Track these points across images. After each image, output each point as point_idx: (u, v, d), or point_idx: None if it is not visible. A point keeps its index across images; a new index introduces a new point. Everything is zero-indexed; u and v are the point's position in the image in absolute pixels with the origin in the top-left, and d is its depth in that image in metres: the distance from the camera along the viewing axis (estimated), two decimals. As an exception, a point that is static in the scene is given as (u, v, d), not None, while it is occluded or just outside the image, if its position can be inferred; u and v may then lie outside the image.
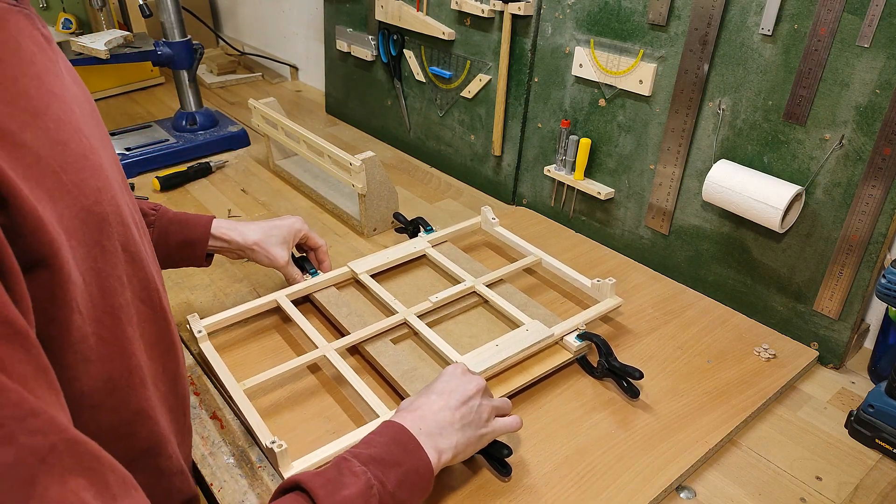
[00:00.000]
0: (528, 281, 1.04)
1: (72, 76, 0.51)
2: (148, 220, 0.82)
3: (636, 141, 1.04)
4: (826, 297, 0.87)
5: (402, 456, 0.57)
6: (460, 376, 0.68)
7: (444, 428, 0.62)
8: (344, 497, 0.51)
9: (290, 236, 0.92)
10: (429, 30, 1.30)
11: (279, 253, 0.90)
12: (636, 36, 0.99)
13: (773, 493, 0.70)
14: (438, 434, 0.61)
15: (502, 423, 0.68)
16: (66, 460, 0.33)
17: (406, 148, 1.52)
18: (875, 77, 0.77)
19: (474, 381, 0.67)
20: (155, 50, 1.41)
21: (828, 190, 0.84)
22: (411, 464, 0.57)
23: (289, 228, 0.92)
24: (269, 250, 0.89)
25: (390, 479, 0.55)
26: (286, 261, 0.91)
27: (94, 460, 0.36)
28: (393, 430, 0.60)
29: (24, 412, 0.32)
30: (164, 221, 0.84)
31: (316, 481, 0.52)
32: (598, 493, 0.68)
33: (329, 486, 0.52)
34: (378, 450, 0.57)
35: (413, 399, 0.66)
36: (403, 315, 0.88)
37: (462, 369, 0.69)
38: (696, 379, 0.84)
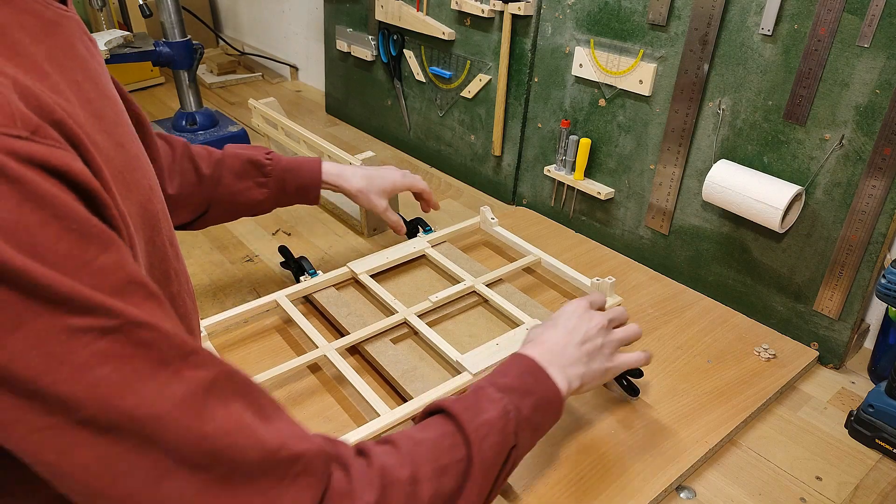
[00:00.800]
0: (527, 280, 1.04)
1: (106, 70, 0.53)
2: (265, 169, 0.89)
3: (636, 141, 1.04)
4: (826, 297, 0.87)
5: (534, 385, 0.60)
6: (581, 314, 0.69)
7: (570, 361, 0.64)
8: (484, 420, 0.54)
9: (392, 188, 1.00)
10: (429, 30, 1.30)
11: (379, 201, 0.98)
12: (636, 36, 0.99)
13: (773, 493, 0.70)
14: (566, 366, 0.64)
15: (628, 358, 0.70)
16: (226, 388, 0.40)
17: (406, 148, 1.52)
18: (875, 77, 0.77)
19: (595, 319, 0.68)
20: (155, 50, 1.40)
21: (828, 190, 0.84)
22: (542, 392, 0.60)
23: (391, 182, 0.99)
24: (370, 197, 0.97)
25: (525, 405, 0.58)
26: (384, 208, 0.99)
27: (248, 387, 0.41)
28: (524, 361, 0.62)
29: (186, 352, 0.38)
30: (279, 170, 0.90)
31: (458, 406, 0.55)
32: (599, 493, 0.68)
33: (470, 411, 0.55)
34: (511, 379, 0.60)
35: (538, 332, 0.68)
36: (403, 315, 0.88)
37: (584, 306, 0.70)
38: (696, 379, 0.84)
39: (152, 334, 0.37)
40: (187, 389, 0.37)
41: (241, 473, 0.39)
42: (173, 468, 0.37)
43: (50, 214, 0.34)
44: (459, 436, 0.53)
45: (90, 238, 0.36)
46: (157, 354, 0.37)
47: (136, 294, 0.37)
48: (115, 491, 0.36)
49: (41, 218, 0.34)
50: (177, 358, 0.37)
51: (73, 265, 0.34)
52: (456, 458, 0.52)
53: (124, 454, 0.36)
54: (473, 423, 0.54)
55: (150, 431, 0.36)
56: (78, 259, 0.35)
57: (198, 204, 0.87)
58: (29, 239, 0.33)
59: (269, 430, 0.41)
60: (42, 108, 0.36)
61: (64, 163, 0.35)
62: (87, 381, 0.34)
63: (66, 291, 0.34)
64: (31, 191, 0.33)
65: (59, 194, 0.35)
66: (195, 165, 0.85)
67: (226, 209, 0.89)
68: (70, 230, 0.35)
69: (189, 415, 0.37)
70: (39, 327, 0.33)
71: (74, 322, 0.34)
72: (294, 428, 0.44)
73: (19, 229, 0.33)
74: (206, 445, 0.37)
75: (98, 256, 0.36)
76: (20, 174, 0.33)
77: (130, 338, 0.36)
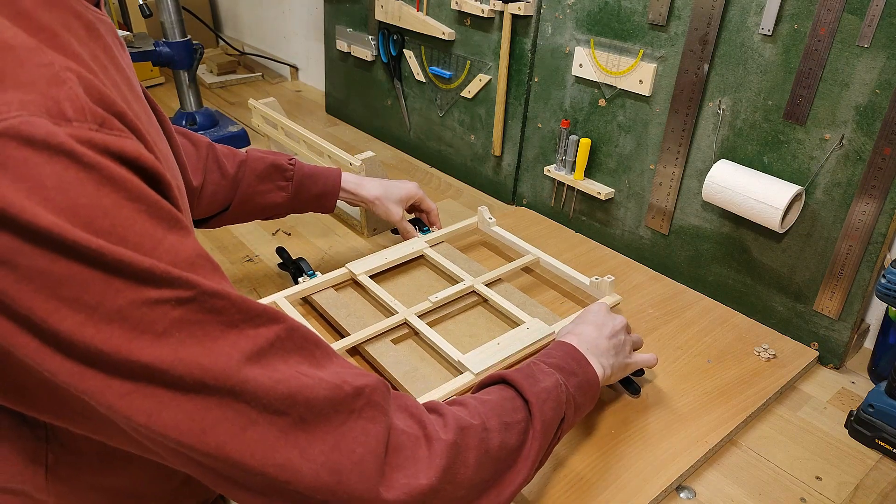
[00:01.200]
0: (526, 280, 1.04)
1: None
2: (286, 175, 0.92)
3: (636, 141, 1.04)
4: (826, 297, 0.87)
5: (577, 367, 0.65)
6: (606, 313, 0.75)
7: (602, 351, 0.70)
8: (542, 388, 0.59)
9: (406, 198, 1.03)
10: (429, 30, 1.30)
11: (395, 210, 1.01)
12: (636, 36, 0.99)
13: (773, 493, 0.70)
14: (600, 355, 0.69)
15: (642, 358, 0.77)
16: (287, 344, 0.43)
17: (406, 148, 1.52)
18: (875, 77, 0.77)
19: (619, 318, 0.75)
20: (155, 50, 1.40)
21: (828, 190, 0.84)
22: (584, 375, 0.65)
23: (407, 191, 1.03)
24: (387, 206, 1.01)
25: (571, 383, 0.62)
26: (400, 216, 1.03)
27: (304, 340, 0.45)
28: (565, 346, 0.67)
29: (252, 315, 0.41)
30: (300, 175, 0.93)
31: (517, 376, 0.60)
32: (599, 493, 0.68)
33: (529, 380, 0.59)
34: (557, 360, 0.64)
35: (571, 327, 0.73)
36: (403, 315, 0.88)
37: (606, 308, 0.77)
38: (696, 379, 0.84)
39: (223, 302, 0.40)
40: (254, 345, 0.41)
41: (314, 412, 0.43)
42: (255, 416, 0.40)
43: (125, 197, 0.37)
44: (519, 400, 0.58)
45: (161, 218, 0.39)
46: (227, 318, 0.40)
47: (205, 267, 0.41)
48: (206, 443, 0.39)
49: (117, 200, 0.36)
50: (243, 320, 0.41)
51: (149, 243, 0.38)
52: (517, 418, 0.56)
53: (210, 409, 0.39)
54: (533, 389, 0.58)
55: (231, 385, 0.39)
56: (152, 237, 0.38)
57: (220, 201, 0.88)
58: (107, 220, 0.36)
59: (328, 373, 0.45)
60: (104, 100, 0.38)
61: (134, 149, 0.38)
62: (169, 347, 0.37)
63: (146, 267, 0.37)
64: (107, 176, 0.36)
65: (131, 178, 0.38)
66: (220, 164, 0.87)
67: (244, 209, 0.91)
68: (143, 211, 0.38)
69: (258, 367, 0.41)
70: (121, 301, 0.36)
71: (154, 294, 0.37)
72: (350, 368, 0.47)
73: (98, 212, 0.36)
74: (281, 389, 0.41)
75: (168, 234, 0.39)
76: (96, 161, 0.36)
77: (204, 305, 0.39)
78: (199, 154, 0.85)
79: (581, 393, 0.63)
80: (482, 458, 0.51)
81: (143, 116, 0.47)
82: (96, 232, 0.35)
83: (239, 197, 0.89)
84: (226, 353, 0.39)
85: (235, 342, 0.40)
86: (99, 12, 0.47)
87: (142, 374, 0.37)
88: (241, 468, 0.40)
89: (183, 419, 0.38)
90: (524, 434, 0.56)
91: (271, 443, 0.41)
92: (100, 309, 0.36)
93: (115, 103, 0.39)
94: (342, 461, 0.43)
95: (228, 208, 0.89)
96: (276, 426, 0.41)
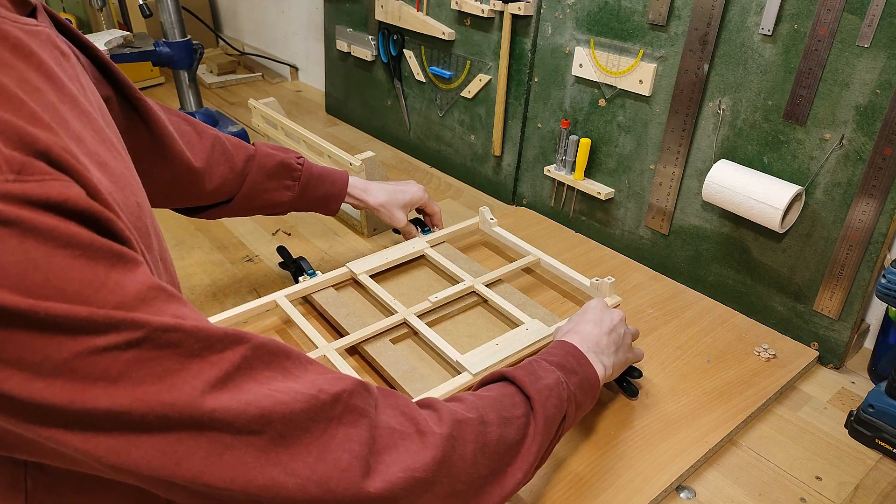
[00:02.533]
0: (526, 281, 1.04)
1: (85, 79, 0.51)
2: (294, 174, 0.91)
3: (636, 141, 1.04)
4: (826, 297, 0.87)
5: (577, 366, 0.65)
6: (604, 309, 0.75)
7: (602, 349, 0.70)
8: (544, 385, 0.59)
9: (410, 203, 1.04)
10: (429, 30, 1.30)
11: (399, 216, 1.02)
12: (636, 36, 0.99)
13: (773, 493, 0.70)
14: (600, 353, 0.70)
15: (637, 350, 0.78)
16: (255, 362, 0.42)
17: (406, 148, 1.52)
18: (875, 77, 0.76)
19: (617, 313, 0.76)
20: (155, 50, 1.40)
21: (828, 190, 0.84)
22: (585, 373, 0.65)
23: (411, 195, 1.03)
24: (392, 212, 1.01)
25: (572, 381, 0.63)
26: (404, 222, 1.03)
27: (273, 354, 0.44)
28: (566, 346, 0.67)
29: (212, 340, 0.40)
30: (308, 176, 0.92)
31: (519, 373, 0.60)
32: (599, 493, 0.68)
33: (530, 377, 0.59)
34: (558, 358, 0.64)
35: (571, 326, 0.73)
36: (403, 315, 0.88)
37: (604, 304, 0.77)
38: (696, 379, 0.84)
39: (177, 334, 0.39)
40: (219, 371, 0.40)
41: (293, 427, 0.42)
42: (229, 440, 0.40)
43: (54, 246, 0.35)
44: (520, 395, 0.58)
45: (100, 258, 0.37)
46: (185, 350, 0.39)
47: (158, 298, 0.39)
48: (182, 473, 0.39)
49: (46, 251, 0.34)
50: (203, 348, 0.40)
51: (89, 288, 0.36)
52: (517, 413, 0.56)
53: (180, 442, 0.38)
54: (535, 385, 0.58)
55: (197, 417, 0.38)
56: (92, 281, 0.36)
57: (225, 193, 0.87)
58: (39, 274, 0.34)
59: (302, 384, 0.44)
60: (24, 140, 0.36)
61: (59, 192, 0.36)
62: (126, 389, 0.37)
63: (84, 317, 0.35)
64: (30, 228, 0.34)
65: (58, 225, 0.35)
66: (228, 157, 0.86)
67: (247, 204, 0.90)
68: (78, 256, 0.36)
69: (227, 392, 0.40)
70: (66, 355, 0.35)
71: (100, 342, 0.36)
72: (326, 374, 0.47)
73: (27, 267, 0.34)
74: (252, 411, 0.40)
75: (111, 273, 0.37)
76: (15, 215, 0.33)
77: (157, 342, 0.38)
78: (203, 143, 0.84)
79: (582, 392, 0.63)
80: (480, 452, 0.51)
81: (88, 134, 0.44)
82: (27, 290, 0.34)
83: (244, 191, 0.88)
84: (189, 384, 0.38)
85: (198, 372, 0.39)
86: (32, 25, 0.44)
87: (102, 420, 0.36)
88: (223, 492, 0.40)
89: (154, 454, 0.38)
90: (524, 429, 0.56)
91: (251, 464, 0.40)
92: (45, 365, 0.35)
93: (37, 141, 0.36)
94: (328, 471, 0.43)
95: (231, 201, 0.88)
96: (254, 447, 0.40)
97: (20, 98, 0.38)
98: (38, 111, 0.39)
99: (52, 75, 0.43)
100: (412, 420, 0.49)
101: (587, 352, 0.68)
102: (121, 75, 0.70)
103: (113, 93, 0.71)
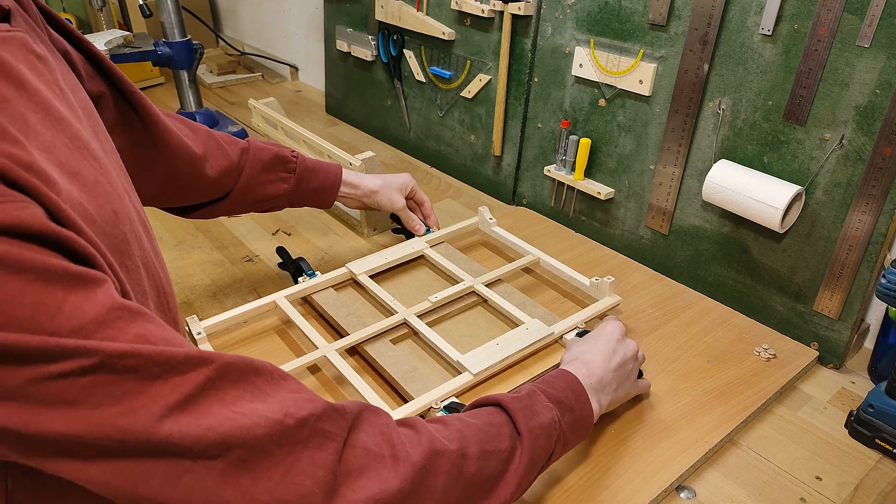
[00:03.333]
0: (526, 280, 1.03)
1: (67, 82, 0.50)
2: (289, 167, 0.91)
3: (636, 141, 1.04)
4: (826, 297, 0.87)
5: (575, 403, 0.63)
6: (619, 339, 0.73)
7: (604, 386, 0.69)
8: (537, 424, 0.58)
9: (404, 186, 1.03)
10: (429, 30, 1.30)
11: (398, 198, 1.01)
12: (636, 36, 0.99)
13: (773, 493, 0.70)
14: (600, 390, 0.68)
15: (643, 383, 0.78)
16: (221, 382, 0.41)
17: (406, 148, 1.52)
18: (875, 77, 0.76)
19: (630, 346, 0.74)
20: (155, 50, 1.41)
21: (828, 190, 0.84)
22: (580, 412, 0.64)
23: (403, 181, 1.03)
24: (390, 194, 1.00)
25: (566, 419, 0.61)
26: (403, 205, 1.02)
27: (241, 373, 0.43)
28: (569, 378, 0.66)
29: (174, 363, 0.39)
30: (302, 168, 0.92)
31: (516, 405, 0.58)
32: (598, 493, 0.68)
33: (526, 412, 0.58)
34: (558, 392, 0.63)
35: (580, 351, 0.72)
36: (403, 315, 0.88)
37: (621, 331, 0.75)
38: (696, 379, 0.84)
39: (135, 360, 0.38)
40: (180, 394, 0.39)
41: (255, 452, 0.41)
42: (188, 464, 0.39)
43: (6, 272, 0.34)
44: (508, 427, 0.56)
45: (55, 282, 0.36)
46: (143, 374, 0.38)
47: (120, 319, 0.38)
48: (141, 493, 0.39)
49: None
50: (164, 371, 0.39)
51: (44, 313, 0.35)
52: (501, 447, 0.55)
53: (137, 464, 0.38)
54: (529, 423, 0.57)
55: (154, 441, 0.38)
56: (48, 305, 0.35)
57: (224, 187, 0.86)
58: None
59: (269, 406, 0.43)
60: None
61: (11, 216, 0.35)
62: (82, 413, 0.36)
63: (34, 346, 0.35)
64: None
65: (9, 250, 0.34)
66: (223, 151, 0.86)
67: (243, 199, 0.89)
68: (32, 281, 0.35)
69: (187, 415, 0.39)
70: (19, 381, 0.35)
71: (53, 369, 0.35)
72: (296, 395, 0.45)
73: None
74: (211, 436, 0.39)
75: (69, 296, 0.36)
76: None
77: (114, 368, 0.37)
78: (199, 138, 0.84)
79: (573, 430, 0.62)
80: (452, 485, 0.50)
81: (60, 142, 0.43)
82: None
83: (241, 184, 0.87)
84: (147, 408, 0.38)
85: (157, 395, 0.38)
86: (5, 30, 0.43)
87: (58, 444, 0.36)
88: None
89: (112, 475, 0.38)
90: (506, 464, 0.55)
91: (210, 488, 0.40)
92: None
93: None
94: (288, 497, 0.42)
95: (226, 197, 0.88)
96: (213, 471, 0.40)
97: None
98: (3, 123, 0.38)
99: (23, 83, 0.42)
100: (389, 442, 0.48)
101: (588, 388, 0.66)
102: (115, 70, 0.70)
103: (107, 88, 0.71)
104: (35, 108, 0.42)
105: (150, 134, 0.76)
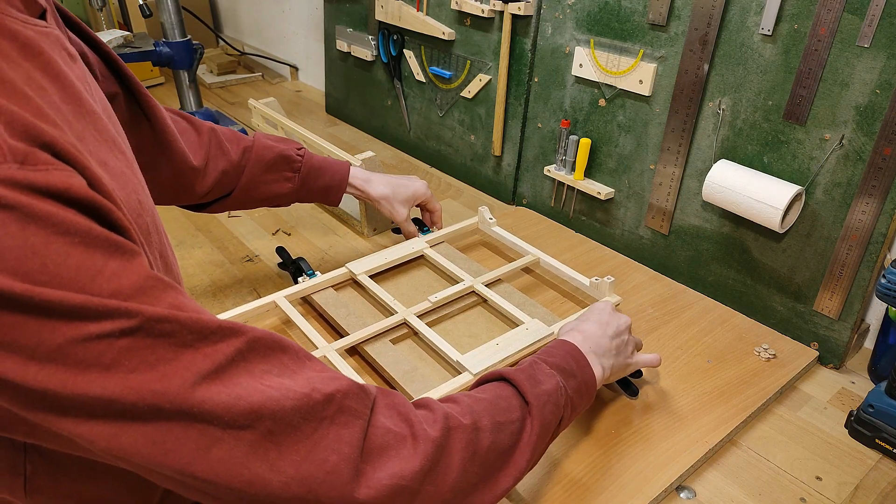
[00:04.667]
0: (526, 280, 1.03)
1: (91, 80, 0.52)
2: (293, 166, 0.91)
3: (636, 141, 1.04)
4: (826, 297, 0.87)
5: (577, 368, 0.64)
6: (612, 312, 0.75)
7: (604, 351, 0.70)
8: (542, 391, 0.59)
9: (413, 198, 1.02)
10: (429, 30, 1.30)
11: (401, 210, 1.00)
12: (636, 36, 0.99)
13: (773, 493, 0.70)
14: (601, 354, 0.69)
15: (644, 358, 0.77)
16: (250, 355, 0.42)
17: (406, 148, 1.52)
18: (875, 77, 0.76)
19: (623, 318, 0.75)
20: (155, 50, 1.40)
21: (828, 190, 0.84)
22: (583, 376, 0.65)
23: (414, 191, 1.02)
24: (394, 205, 1.00)
25: (570, 385, 0.62)
26: (405, 217, 1.02)
27: (269, 349, 0.44)
28: (567, 346, 0.67)
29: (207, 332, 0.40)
30: (308, 167, 0.92)
31: (519, 375, 0.59)
32: (599, 493, 0.68)
33: (530, 381, 0.59)
34: (559, 360, 0.64)
35: (574, 325, 0.73)
36: (403, 315, 0.88)
37: (611, 306, 0.76)
38: (696, 379, 0.84)
39: (171, 325, 0.39)
40: (212, 363, 0.40)
41: (283, 424, 0.42)
42: (218, 434, 0.40)
43: (53, 233, 0.35)
44: (517, 399, 0.57)
45: (98, 246, 0.37)
46: (178, 340, 0.39)
47: (155, 288, 0.40)
48: (170, 463, 0.39)
49: (45, 237, 0.35)
50: (198, 339, 0.40)
51: (85, 275, 0.36)
52: (511, 418, 0.56)
53: (169, 431, 0.39)
54: (534, 390, 0.58)
55: (187, 407, 0.39)
56: (90, 268, 0.37)
57: (225, 187, 0.87)
58: (36, 259, 0.35)
59: (296, 382, 0.44)
60: (29, 132, 0.37)
61: (61, 181, 0.36)
62: (119, 377, 0.37)
63: (78, 303, 0.36)
64: (31, 214, 0.35)
65: (58, 212, 0.36)
66: (224, 150, 0.86)
67: (247, 196, 0.90)
68: (76, 244, 0.36)
69: (218, 384, 0.40)
70: (59, 340, 0.35)
71: (94, 329, 0.36)
72: (322, 373, 0.46)
73: (25, 252, 0.34)
74: (241, 406, 0.40)
75: (109, 262, 0.38)
76: (17, 201, 0.34)
77: (151, 332, 0.38)
78: (202, 139, 0.84)
79: (578, 395, 0.63)
80: (470, 460, 0.51)
81: (90, 134, 0.45)
82: (24, 274, 0.34)
83: (242, 183, 0.87)
84: (179, 375, 0.39)
85: (191, 362, 0.39)
86: (43, 26, 0.45)
87: (94, 407, 0.37)
88: (209, 484, 0.41)
89: (143, 443, 0.38)
90: (518, 434, 0.55)
91: (239, 459, 0.41)
92: (39, 350, 0.35)
93: (42, 133, 0.37)
94: (314, 472, 0.43)
95: (231, 194, 0.88)
96: (243, 441, 0.41)
97: (27, 94, 0.39)
98: (43, 107, 0.40)
99: (60, 75, 0.44)
100: (408, 421, 0.49)
101: (587, 352, 0.67)
102: (128, 72, 0.71)
103: (120, 89, 0.72)
104: (67, 99, 0.43)
105: (156, 137, 0.76)
